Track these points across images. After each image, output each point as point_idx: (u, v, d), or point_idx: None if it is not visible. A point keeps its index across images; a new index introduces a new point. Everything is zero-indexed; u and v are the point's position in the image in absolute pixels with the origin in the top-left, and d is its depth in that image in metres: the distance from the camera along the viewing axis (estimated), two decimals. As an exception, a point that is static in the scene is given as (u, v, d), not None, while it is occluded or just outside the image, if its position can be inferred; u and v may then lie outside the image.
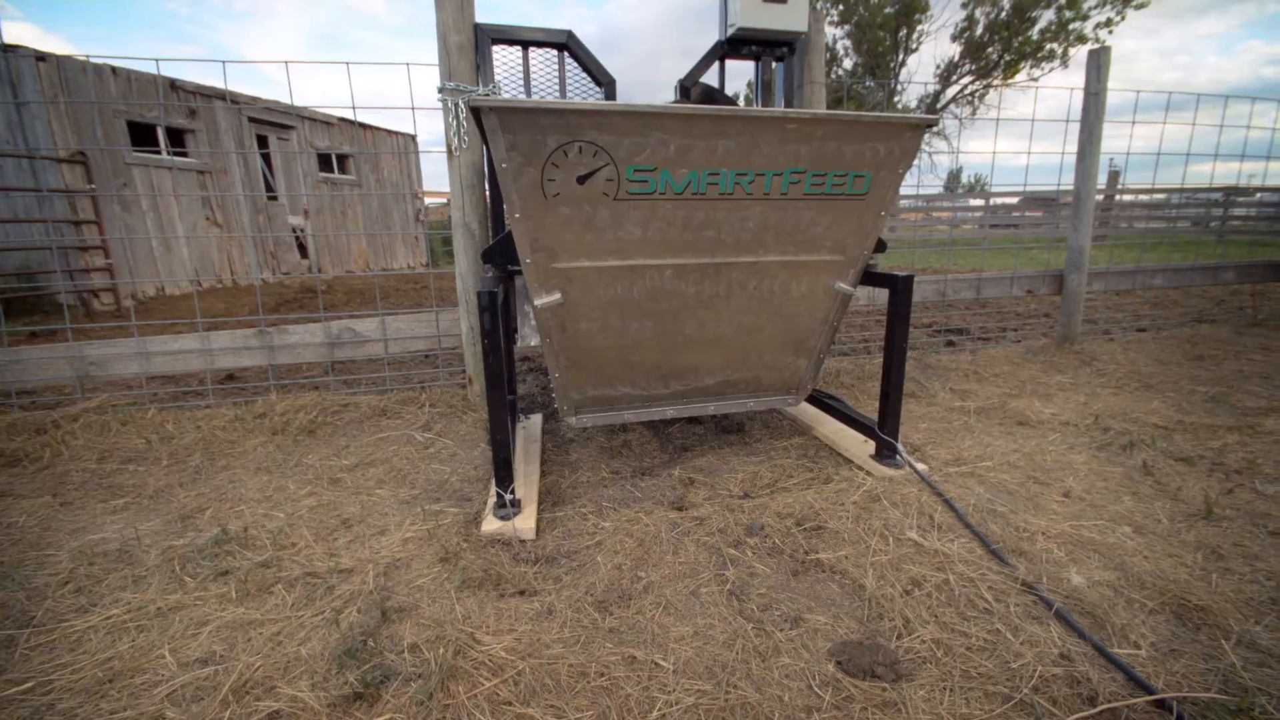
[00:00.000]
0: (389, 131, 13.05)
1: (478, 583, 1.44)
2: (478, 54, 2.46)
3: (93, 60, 8.13)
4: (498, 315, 1.68)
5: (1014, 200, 15.46)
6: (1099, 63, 3.33)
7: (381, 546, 1.63)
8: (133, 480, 2.14)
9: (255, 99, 9.03)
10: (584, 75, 2.62)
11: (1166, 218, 12.90)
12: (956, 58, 20.62)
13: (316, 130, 11.09)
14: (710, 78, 2.77)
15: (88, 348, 2.56)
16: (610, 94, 2.62)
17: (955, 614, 1.33)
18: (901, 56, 20.88)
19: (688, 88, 2.66)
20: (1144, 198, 13.62)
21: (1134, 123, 3.51)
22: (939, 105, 21.10)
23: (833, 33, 20.54)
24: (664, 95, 2.87)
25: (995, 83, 20.34)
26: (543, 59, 2.59)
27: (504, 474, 1.77)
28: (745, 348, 2.09)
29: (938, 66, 21.06)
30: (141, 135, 8.05)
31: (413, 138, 13.58)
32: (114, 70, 7.58)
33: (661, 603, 1.40)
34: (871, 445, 2.19)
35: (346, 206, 11.99)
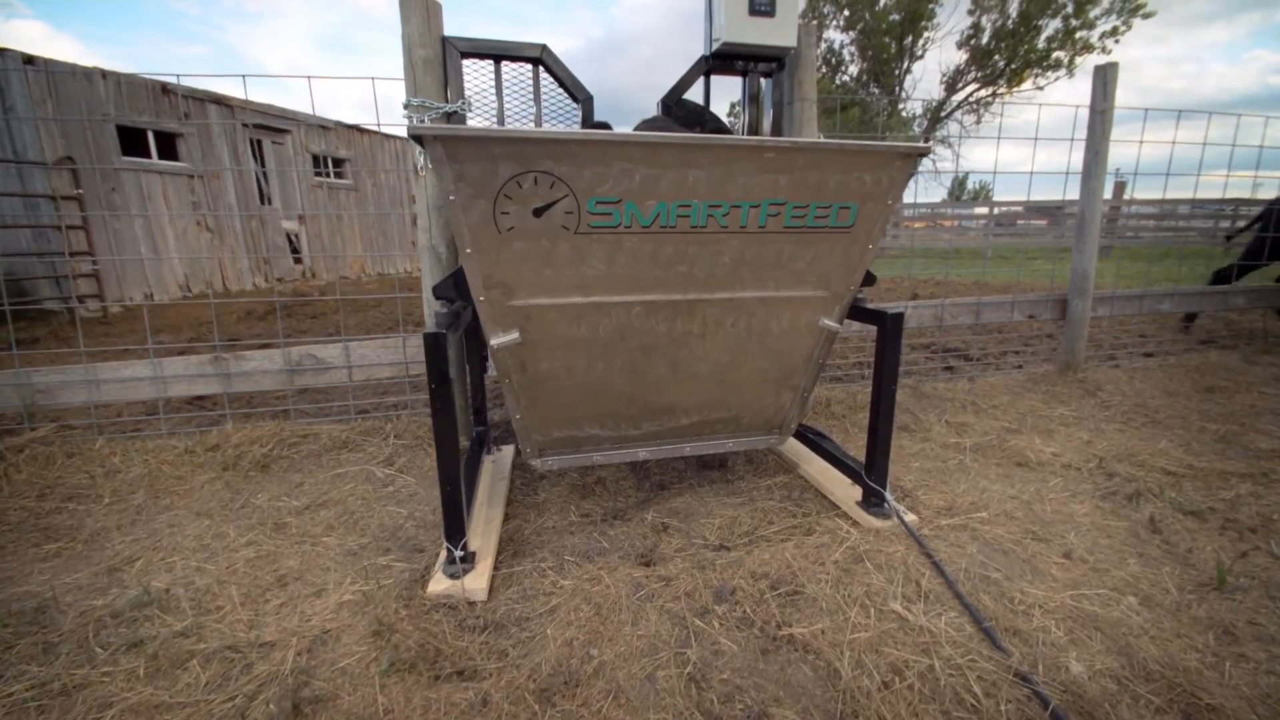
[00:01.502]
0: (386, 135, 12.95)
1: (409, 664, 1.30)
2: (447, 68, 2.33)
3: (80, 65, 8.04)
4: (446, 360, 1.54)
5: (1019, 208, 15.29)
6: (1105, 79, 3.18)
7: (313, 613, 1.49)
8: (70, 521, 2.01)
9: (247, 102, 8.93)
10: (560, 90, 2.49)
11: (1174, 229, 12.73)
12: (963, 65, 20.48)
13: (312, 134, 10.99)
14: (695, 93, 2.64)
15: (35, 375, 2.43)
16: (588, 110, 2.49)
17: (939, 712, 1.18)
18: (907, 63, 20.75)
19: (669, 105, 2.53)
20: (1150, 209, 13.45)
21: (1141, 143, 3.36)
22: (943, 113, 20.95)
23: (839, 38, 20.42)
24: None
25: (1001, 91, 20.21)
26: (517, 73, 2.46)
27: (454, 527, 1.63)
28: (723, 387, 1.95)
29: (943, 74, 20.94)
30: (132, 138, 7.95)
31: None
32: (104, 74, 7.49)
33: (611, 690, 1.26)
34: (859, 488, 2.04)
35: (342, 210, 11.89)
